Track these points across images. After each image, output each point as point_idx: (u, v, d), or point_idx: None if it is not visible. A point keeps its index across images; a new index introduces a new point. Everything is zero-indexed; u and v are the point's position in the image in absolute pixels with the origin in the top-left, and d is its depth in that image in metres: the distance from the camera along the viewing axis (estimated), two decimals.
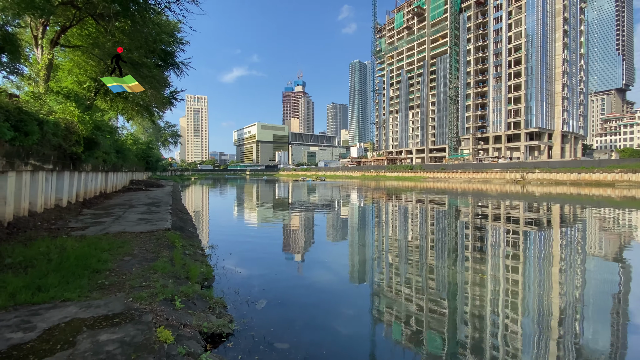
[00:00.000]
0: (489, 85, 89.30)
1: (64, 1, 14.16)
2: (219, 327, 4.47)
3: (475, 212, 20.27)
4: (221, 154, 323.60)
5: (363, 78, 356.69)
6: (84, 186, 15.54)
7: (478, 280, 7.42)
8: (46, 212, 10.58)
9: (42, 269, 5.32)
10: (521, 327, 5.28)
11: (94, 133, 13.15)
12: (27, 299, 4.23)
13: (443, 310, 5.94)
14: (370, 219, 18.17)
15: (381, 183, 65.19)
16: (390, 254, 10.06)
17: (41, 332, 3.44)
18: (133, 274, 5.49)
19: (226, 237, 12.69)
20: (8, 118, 7.80)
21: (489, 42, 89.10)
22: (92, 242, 7.26)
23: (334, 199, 31.25)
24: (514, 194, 35.10)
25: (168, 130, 67.68)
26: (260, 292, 6.29)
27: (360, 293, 6.93)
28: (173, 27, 19.35)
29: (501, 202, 25.61)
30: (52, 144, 10.32)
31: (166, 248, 7.47)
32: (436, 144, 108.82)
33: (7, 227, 8.25)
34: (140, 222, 10.32)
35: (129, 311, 4.02)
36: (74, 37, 17.15)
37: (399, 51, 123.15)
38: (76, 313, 3.92)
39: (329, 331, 4.99)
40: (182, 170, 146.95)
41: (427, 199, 29.48)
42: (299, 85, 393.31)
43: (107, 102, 21.94)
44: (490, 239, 12.18)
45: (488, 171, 69.62)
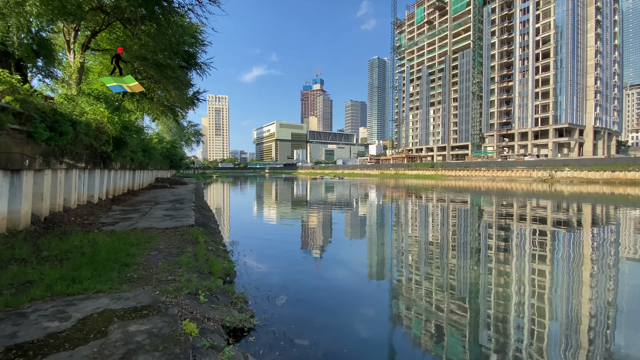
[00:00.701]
0: (515, 79, 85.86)
1: (94, 7, 14.81)
2: (241, 321, 4.57)
3: (500, 211, 19.62)
4: (241, 152, 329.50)
5: (382, 75, 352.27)
6: (113, 184, 16.25)
7: (502, 282, 7.19)
8: (79, 208, 11.17)
9: (76, 262, 5.62)
10: (548, 333, 5.07)
11: (122, 133, 13.72)
12: (63, 290, 4.48)
13: (464, 312, 5.80)
14: (389, 218, 17.97)
15: (400, 181, 64.28)
16: (410, 253, 9.92)
17: (75, 322, 3.64)
18: (159, 268, 5.70)
19: (247, 234, 12.94)
20: (44, 119, 8.27)
21: (515, 35, 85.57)
22: (121, 237, 7.60)
23: (353, 197, 31.12)
24: (542, 193, 33.67)
25: (191, 129, 69.65)
26: (280, 289, 6.38)
27: (379, 292, 6.88)
28: (195, 29, 19.86)
29: (527, 201, 24.64)
30: (84, 144, 10.86)
31: (190, 244, 7.70)
32: (458, 141, 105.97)
33: (44, 222, 8.77)
34: (165, 219, 10.69)
35: (156, 304, 4.18)
36: (104, 41, 17.94)
37: (420, 46, 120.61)
38: (107, 304, 4.12)
39: (348, 330, 5.00)
40: (205, 168, 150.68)
41: (448, 197, 28.81)
42: (317, 84, 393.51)
43: (134, 103, 22.81)
44: (515, 240, 11.76)
45: (513, 169, 67.08)
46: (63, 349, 3.07)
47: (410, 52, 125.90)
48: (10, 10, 9.18)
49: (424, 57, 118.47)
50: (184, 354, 3.05)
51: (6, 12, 9.13)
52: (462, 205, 23.36)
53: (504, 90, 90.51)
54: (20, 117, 7.67)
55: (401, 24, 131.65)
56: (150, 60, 16.93)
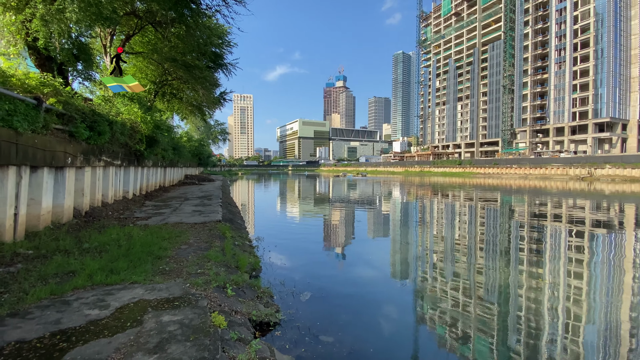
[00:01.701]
0: (550, 71, 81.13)
1: (127, 12, 15.54)
2: (267, 316, 4.66)
3: (532, 210, 18.70)
4: (265, 150, 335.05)
5: (407, 70, 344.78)
6: (146, 180, 17.05)
7: (534, 285, 6.85)
8: (115, 203, 11.82)
9: (113, 254, 5.96)
10: (583, 341, 4.78)
11: (154, 132, 14.34)
12: (102, 280, 4.77)
13: (493, 315, 5.59)
14: (413, 216, 17.63)
15: (426, 179, 62.81)
16: (436, 252, 9.69)
17: (114, 310, 3.87)
18: (189, 262, 5.93)
19: (271, 230, 13.16)
20: (84, 119, 8.81)
21: (551, 24, 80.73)
22: (154, 231, 7.97)
23: (376, 194, 30.79)
24: (579, 192, 31.72)
25: (217, 128, 71.69)
26: (304, 285, 6.45)
27: (403, 292, 6.78)
28: (222, 31, 20.35)
29: (563, 201, 23.31)
30: (120, 142, 11.47)
31: (218, 238, 7.94)
32: (487, 137, 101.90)
33: (85, 216, 9.37)
34: (194, 214, 11.08)
35: (186, 296, 4.36)
36: (136, 45, 18.79)
37: (447, 39, 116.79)
38: (142, 295, 4.34)
39: (373, 328, 4.97)
40: (230, 165, 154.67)
41: (477, 196, 27.81)
42: (340, 80, 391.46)
43: (165, 102, 23.75)
44: (550, 241, 11.16)
45: (548, 166, 63.65)
46: (102, 336, 3.26)
47: (437, 45, 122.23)
48: (52, 17, 9.82)
49: (451, 50, 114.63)
50: (213, 345, 3.16)
51: (49, 18, 9.77)
52: (491, 204, 22.48)
53: (538, 83, 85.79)
54: (63, 117, 8.21)
55: (427, 17, 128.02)
56: (180, 62, 17.55)
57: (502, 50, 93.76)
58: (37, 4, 9.69)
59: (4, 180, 6.06)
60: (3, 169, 6.02)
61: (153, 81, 21.50)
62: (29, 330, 3.30)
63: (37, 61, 11.94)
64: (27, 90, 7.03)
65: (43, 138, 7.02)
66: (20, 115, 6.26)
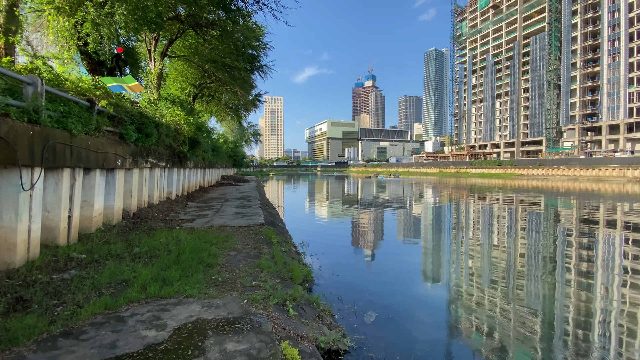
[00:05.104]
0: (603, 64, 74.40)
1: (171, 17, 15.77)
2: (334, 342, 4.06)
3: (582, 215, 16.80)
4: (294, 151, 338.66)
5: (439, 67, 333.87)
6: (188, 181, 17.24)
7: (583, 297, 6.00)
8: (160, 204, 11.86)
9: (164, 261, 5.66)
10: None
11: (196, 133, 14.38)
12: (156, 292, 4.41)
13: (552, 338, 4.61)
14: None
15: (463, 180, 59.86)
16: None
17: (172, 332, 3.44)
18: (241, 272, 5.49)
19: (313, 234, 12.61)
20: (133, 121, 8.77)
21: (603, 13, 74.06)
22: (200, 234, 7.69)
23: (418, 198, 29.45)
24: (638, 195, 28.38)
25: (250, 130, 73.16)
26: (366, 303, 5.75)
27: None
28: (258, 33, 20.25)
29: (619, 205, 20.80)
30: (165, 144, 11.48)
31: (265, 244, 7.51)
32: (529, 136, 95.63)
33: (132, 217, 9.35)
34: (237, 216, 10.81)
35: (247, 316, 3.87)
36: (178, 49, 19.14)
37: (484, 34, 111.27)
38: (199, 312, 3.91)
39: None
40: (262, 166, 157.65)
41: (527, 199, 25.68)
42: (370, 80, 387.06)
43: (203, 104, 24.16)
44: (602, 248, 9.84)
45: (601, 167, 58.26)
46: None
47: (473, 40, 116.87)
48: (102, 21, 9.96)
49: (489, 45, 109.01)
50: None
51: (99, 22, 9.92)
52: (537, 207, 20.53)
53: (588, 77, 79.07)
54: (113, 120, 8.18)
55: (462, 11, 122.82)
56: (220, 63, 17.60)
57: (547, 43, 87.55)
58: (89, 8, 9.86)
59: (58, 183, 5.97)
60: (58, 171, 5.93)
61: (193, 84, 21.90)
62: (83, 356, 2.93)
63: (89, 66, 12.29)
64: (80, 93, 7.01)
65: (96, 140, 6.94)
66: (74, 117, 6.18)
